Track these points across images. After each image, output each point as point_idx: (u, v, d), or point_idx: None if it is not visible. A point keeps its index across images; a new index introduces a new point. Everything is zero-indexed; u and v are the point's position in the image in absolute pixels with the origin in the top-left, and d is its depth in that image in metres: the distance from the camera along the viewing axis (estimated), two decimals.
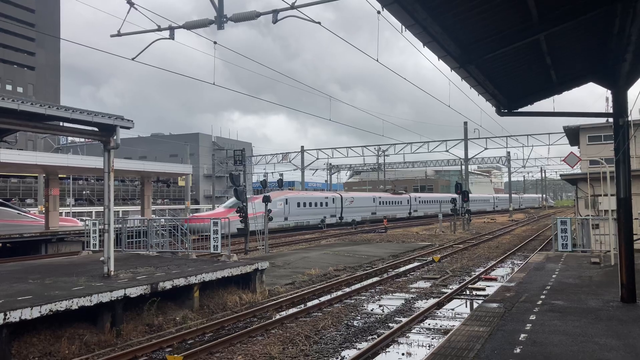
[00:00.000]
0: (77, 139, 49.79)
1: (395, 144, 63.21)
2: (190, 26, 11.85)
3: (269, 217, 25.49)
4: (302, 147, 64.66)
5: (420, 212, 65.78)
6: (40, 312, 8.99)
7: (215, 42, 12.60)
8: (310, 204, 46.22)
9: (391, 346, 9.96)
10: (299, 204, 44.57)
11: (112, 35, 12.15)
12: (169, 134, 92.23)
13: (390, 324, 11.51)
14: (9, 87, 79.55)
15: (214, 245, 16.25)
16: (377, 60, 12.20)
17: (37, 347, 9.14)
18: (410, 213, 63.85)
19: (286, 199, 43.05)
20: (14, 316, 8.56)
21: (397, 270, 19.85)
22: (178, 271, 13.14)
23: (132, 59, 12.60)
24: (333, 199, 50.51)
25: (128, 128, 12.81)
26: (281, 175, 56.98)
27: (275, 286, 15.74)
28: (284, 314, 12.61)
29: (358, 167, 77.39)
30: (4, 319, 8.38)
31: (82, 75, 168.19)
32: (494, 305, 10.14)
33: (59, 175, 34.87)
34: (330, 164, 72.84)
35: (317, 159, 66.18)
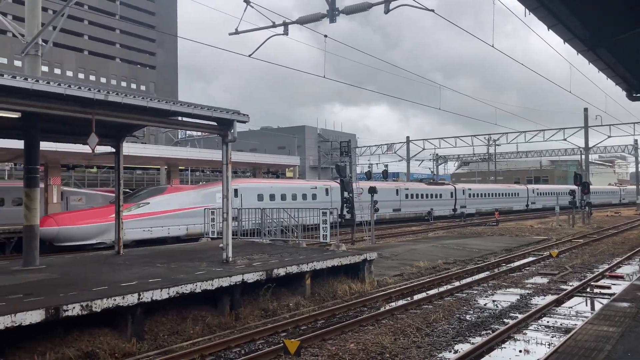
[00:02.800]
0: (194, 133, 52.88)
1: (507, 133, 60.40)
2: (303, 21, 12.12)
3: (375, 208, 25.50)
4: (408, 137, 63.89)
5: (538, 204, 62.15)
6: (168, 293, 9.72)
7: (325, 36, 12.83)
8: (417, 196, 45.23)
9: (507, 342, 9.61)
10: (407, 196, 43.90)
11: (230, 34, 12.76)
12: (277, 127, 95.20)
13: (505, 320, 11.10)
14: (133, 86, 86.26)
15: (323, 235, 16.58)
16: (493, 46, 11.71)
17: (165, 326, 9.88)
18: (527, 206, 60.65)
19: (396, 190, 42.78)
20: (147, 297, 9.33)
21: (510, 264, 19.06)
22: (290, 259, 13.57)
23: (249, 56, 13.15)
24: (451, 192, 49.22)
25: (244, 122, 13.39)
26: (386, 166, 56.70)
27: (384, 277, 15.75)
28: (393, 304, 12.61)
29: (466, 158, 74.97)
30: (139, 298, 9.17)
31: (194, 72, 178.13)
32: (624, 304, 9.43)
33: (179, 167, 37.29)
34: (437, 154, 71.26)
35: (423, 149, 65.05)
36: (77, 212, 23.49)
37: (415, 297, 13.40)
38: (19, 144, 21.11)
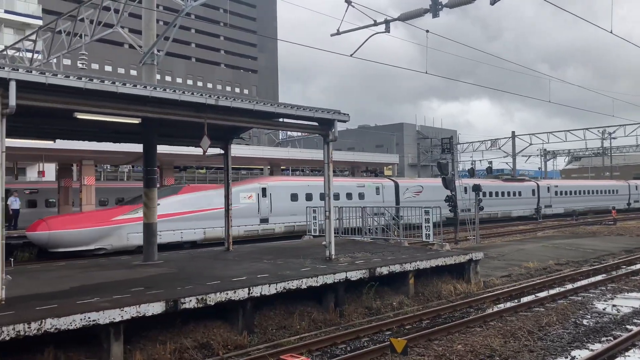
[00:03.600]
0: (294, 134, 54.16)
1: (624, 125, 55.79)
2: (405, 17, 12.03)
3: (480, 206, 24.67)
4: (513, 132, 61.06)
5: None
6: (276, 289, 10.05)
7: (427, 31, 12.61)
8: (489, 194, 38.86)
9: (630, 350, 8.90)
10: (490, 193, 38.89)
11: (332, 35, 12.96)
12: (374, 125, 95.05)
13: (628, 326, 10.29)
14: (237, 90, 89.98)
15: (425, 234, 16.32)
16: (612, 32, 10.89)
17: (274, 320, 10.23)
18: (629, 204, 54.63)
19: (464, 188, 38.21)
20: (256, 292, 9.71)
21: (632, 267, 17.62)
22: (393, 258, 13.50)
23: (351, 55, 13.25)
24: (532, 189, 43.53)
25: (344, 121, 13.52)
26: (490, 163, 54.63)
27: (490, 278, 15.22)
28: (501, 306, 12.14)
29: (578, 153, 70.27)
30: (249, 293, 9.57)
31: (292, 74, 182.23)
32: None
33: (281, 167, 38.41)
34: (544, 149, 67.44)
35: (530, 144, 61.84)
36: (73, 215, 21.28)
37: (525, 299, 12.80)
38: (135, 147, 22.83)
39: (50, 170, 33.49)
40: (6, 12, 42.53)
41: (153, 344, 8.58)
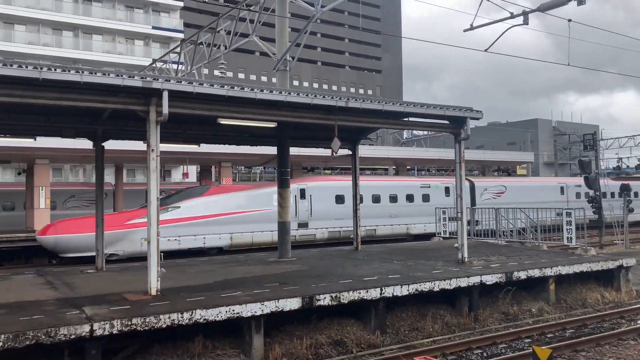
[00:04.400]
0: (419, 133, 53.38)
1: None
2: (546, 7, 11.34)
3: (629, 208, 22.49)
4: None
5: None
6: (408, 290, 9.98)
7: (569, 20, 11.74)
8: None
9: None
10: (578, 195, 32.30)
11: (465, 30, 12.60)
12: (505, 121, 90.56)
13: None
14: (361, 91, 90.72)
15: (567, 237, 15.23)
16: None
17: (406, 321, 10.16)
18: None
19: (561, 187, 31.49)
20: (388, 292, 9.72)
21: None
22: (531, 262, 12.77)
23: (485, 50, 12.78)
24: None
25: (477, 119, 13.07)
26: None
27: None
28: None
29: None
30: (381, 293, 9.61)
31: (414, 72, 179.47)
32: None
33: (407, 167, 38.04)
34: None
35: None
36: (84, 219, 19.47)
37: None
38: (268, 150, 23.88)
39: (191, 171, 36.34)
40: (154, 27, 46.79)
41: (290, 338, 8.93)
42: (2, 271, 13.39)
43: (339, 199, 23.40)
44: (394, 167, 38.67)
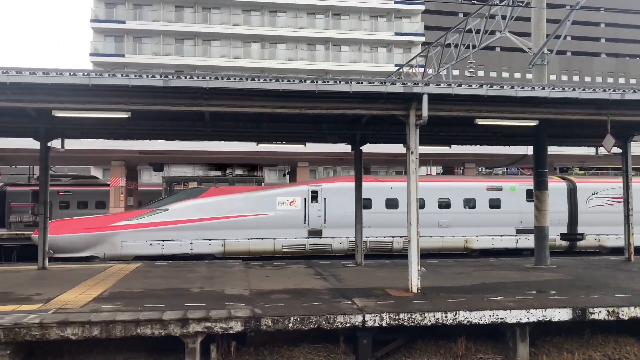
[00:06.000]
0: None
1: None
2: None
3: None
4: None
5: None
6: None
7: None
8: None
9: None
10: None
11: None
12: None
13: None
14: (621, 80, 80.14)
15: None
16: None
17: None
18: None
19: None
20: None
21: None
22: None
23: None
24: None
25: None
26: None
27: None
28: None
29: None
30: None
31: None
32: None
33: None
34: None
35: None
36: (76, 220, 18.77)
37: None
38: (516, 150, 22.66)
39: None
40: (396, 34, 48.47)
41: (559, 351, 8.35)
42: (278, 262, 15.26)
43: (363, 203, 18.54)
44: None
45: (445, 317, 7.95)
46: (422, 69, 22.06)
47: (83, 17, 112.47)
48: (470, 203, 19.45)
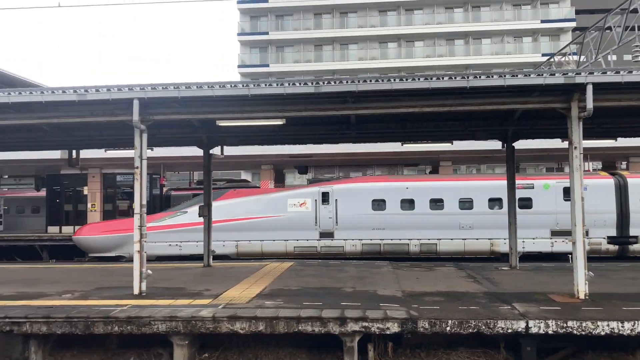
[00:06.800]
0: None
1: None
2: None
3: None
4: None
5: None
6: None
7: None
8: None
9: None
10: None
11: None
12: None
13: None
14: None
15: None
16: None
17: None
18: None
19: None
20: None
21: None
22: None
23: None
24: None
25: None
26: None
27: None
28: None
29: None
30: None
31: None
32: None
33: None
34: None
35: None
36: (104, 223, 20.27)
37: None
38: None
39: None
40: (542, 21, 45.40)
41: None
42: (425, 264, 14.98)
43: (379, 205, 18.39)
44: None
45: (622, 326, 7.25)
46: (575, 57, 20.34)
47: (228, 31, 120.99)
48: (495, 203, 18.24)
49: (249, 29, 48.36)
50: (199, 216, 14.48)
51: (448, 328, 7.46)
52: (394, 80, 9.04)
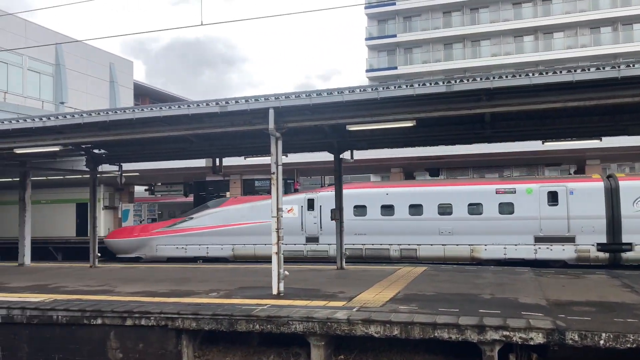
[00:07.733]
0: None
1: None
2: None
3: None
4: None
5: None
6: None
7: None
8: None
9: None
10: None
11: None
12: None
13: None
14: None
15: None
16: None
17: None
18: None
19: None
20: None
21: None
22: None
23: None
24: None
25: None
26: None
27: None
28: None
29: None
30: None
31: None
32: None
33: None
34: None
35: None
36: (126, 228, 23.41)
37: None
38: None
39: None
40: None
41: None
42: (572, 271, 13.93)
43: (360, 211, 19.07)
44: None
45: None
46: None
47: (356, 36, 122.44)
48: (476, 208, 18.06)
49: (377, 33, 48.52)
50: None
51: (602, 342, 6.79)
52: (533, 74, 8.50)
